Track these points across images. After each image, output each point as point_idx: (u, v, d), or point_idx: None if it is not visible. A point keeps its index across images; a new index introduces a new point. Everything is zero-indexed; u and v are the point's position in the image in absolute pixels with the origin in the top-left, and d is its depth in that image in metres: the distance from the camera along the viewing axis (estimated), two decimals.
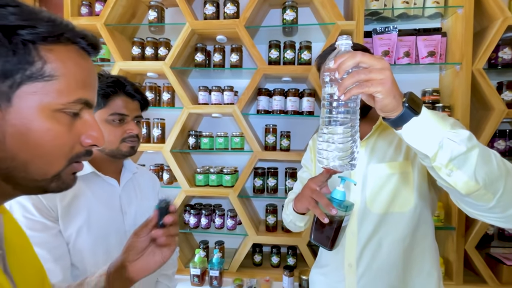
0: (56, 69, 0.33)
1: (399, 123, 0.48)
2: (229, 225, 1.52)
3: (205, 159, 1.72)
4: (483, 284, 1.35)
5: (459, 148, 0.46)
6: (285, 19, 1.43)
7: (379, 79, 0.45)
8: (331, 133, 0.51)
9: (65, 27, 0.34)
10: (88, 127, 0.38)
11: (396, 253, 0.75)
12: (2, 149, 0.31)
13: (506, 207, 0.48)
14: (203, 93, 1.49)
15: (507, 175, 0.48)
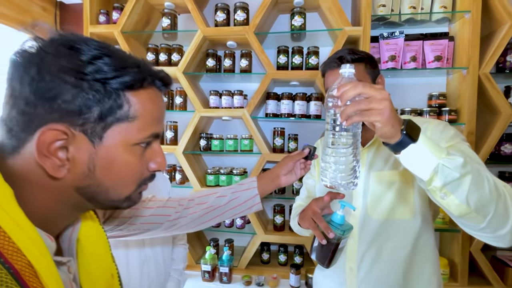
0: (138, 110, 0.38)
1: (398, 148, 0.52)
2: (238, 224, 1.58)
3: (215, 160, 1.78)
4: (489, 286, 1.37)
5: (453, 174, 0.49)
6: (293, 25, 1.47)
7: (379, 109, 0.48)
8: (334, 154, 0.55)
9: (148, 72, 0.39)
10: (155, 154, 0.43)
11: (397, 260, 0.78)
12: (91, 178, 0.37)
13: (496, 229, 0.52)
14: (214, 97, 1.55)
15: (498, 199, 0.51)
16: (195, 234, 1.72)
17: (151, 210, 0.66)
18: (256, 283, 1.43)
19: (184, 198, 0.73)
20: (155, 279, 0.94)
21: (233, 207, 0.74)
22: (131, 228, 0.64)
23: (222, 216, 0.74)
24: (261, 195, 0.76)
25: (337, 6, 1.39)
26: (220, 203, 0.73)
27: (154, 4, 1.62)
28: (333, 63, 0.84)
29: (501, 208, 0.51)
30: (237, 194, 0.74)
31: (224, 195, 0.74)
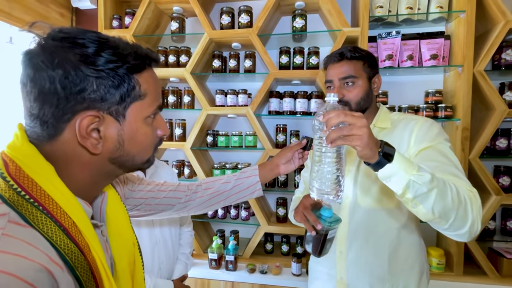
0: (146, 89, 0.46)
1: (376, 167, 0.61)
2: (243, 216, 1.67)
3: (221, 155, 1.88)
4: (483, 276, 1.42)
5: (421, 189, 0.59)
6: (294, 27, 1.55)
7: (359, 135, 0.56)
8: (320, 169, 0.61)
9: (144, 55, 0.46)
10: (160, 123, 0.51)
11: (383, 245, 0.85)
12: (122, 150, 0.45)
13: (457, 229, 0.64)
14: (220, 96, 1.64)
15: (459, 206, 0.61)
16: (202, 225, 1.82)
17: (165, 193, 0.76)
18: (259, 270, 1.52)
19: (193, 184, 0.82)
20: (164, 260, 1.04)
21: (237, 192, 0.83)
22: (147, 208, 0.73)
23: (226, 200, 0.83)
24: (262, 182, 0.85)
25: (336, 8, 1.46)
26: (225, 188, 0.82)
27: (164, 8, 1.71)
28: (334, 57, 0.92)
29: (462, 213, 0.62)
30: (240, 180, 0.83)
31: (229, 181, 0.83)
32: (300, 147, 0.85)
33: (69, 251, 0.37)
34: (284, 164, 0.85)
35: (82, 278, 0.37)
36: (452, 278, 1.43)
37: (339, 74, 0.89)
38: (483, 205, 1.40)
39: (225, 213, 1.70)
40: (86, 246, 0.39)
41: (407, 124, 0.87)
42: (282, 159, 0.85)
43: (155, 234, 1.03)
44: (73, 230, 0.39)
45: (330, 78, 0.92)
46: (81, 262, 0.38)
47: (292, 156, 0.86)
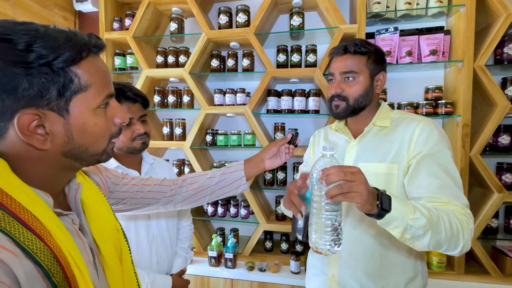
0: (87, 80, 0.44)
1: (376, 218, 0.65)
2: (243, 214, 1.68)
3: (221, 154, 1.89)
4: (486, 275, 1.40)
5: (418, 231, 0.65)
6: (292, 25, 1.55)
7: (358, 192, 0.59)
8: (319, 223, 0.62)
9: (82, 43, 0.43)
10: (115, 111, 0.50)
11: (374, 246, 0.85)
12: (72, 143, 0.44)
13: (449, 252, 0.72)
14: (218, 95, 1.66)
15: (451, 238, 0.68)
16: (203, 223, 1.84)
17: (150, 187, 0.77)
18: (258, 268, 1.53)
19: (178, 178, 0.84)
20: (162, 255, 1.06)
21: (222, 187, 0.84)
22: (133, 202, 0.75)
23: (212, 195, 0.84)
24: (247, 177, 0.86)
25: (333, 5, 1.45)
26: (210, 183, 0.83)
27: (163, 10, 1.74)
28: (339, 50, 0.91)
29: (454, 242, 0.69)
30: (225, 176, 0.84)
31: (214, 177, 0.84)
32: (285, 142, 0.86)
33: (25, 238, 0.37)
34: (269, 159, 0.86)
35: (43, 263, 0.38)
36: (453, 277, 1.41)
37: (340, 68, 0.88)
38: (485, 203, 1.38)
39: (224, 211, 1.72)
40: (46, 233, 0.40)
41: (408, 126, 0.84)
42: (267, 154, 0.86)
43: (152, 228, 1.04)
44: (28, 219, 0.39)
45: (332, 71, 0.92)
46: (40, 248, 0.38)
47: (278, 151, 0.87)
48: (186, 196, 0.82)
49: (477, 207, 1.42)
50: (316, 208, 0.62)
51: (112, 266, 0.52)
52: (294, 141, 0.86)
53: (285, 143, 0.86)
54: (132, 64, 1.75)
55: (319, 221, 0.62)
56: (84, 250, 0.47)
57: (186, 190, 0.81)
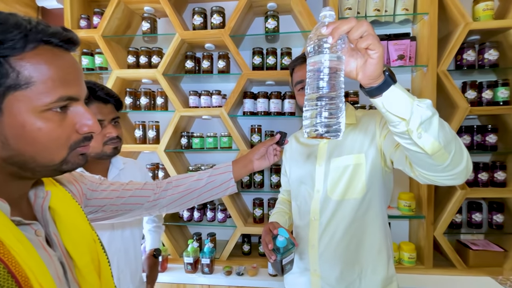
0: (31, 75, 0.37)
1: (380, 90, 0.53)
2: (220, 218, 1.65)
3: (196, 157, 1.85)
4: (452, 268, 1.48)
5: (426, 112, 0.53)
6: (267, 27, 1.56)
7: (378, 41, 0.48)
8: (317, 102, 0.52)
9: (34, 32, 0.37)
10: (81, 117, 0.42)
11: (350, 234, 0.88)
12: (9, 148, 0.38)
13: (456, 165, 0.59)
14: (193, 97, 1.62)
15: (455, 137, 0.58)
16: (179, 229, 1.79)
17: (131, 192, 0.72)
18: (236, 272, 1.51)
19: (162, 181, 0.79)
20: (125, 270, 0.98)
21: (210, 189, 0.80)
22: (114, 209, 0.69)
23: (199, 198, 0.80)
24: (235, 178, 0.82)
25: (307, 9, 1.48)
26: (197, 185, 0.79)
27: (134, 8, 1.68)
28: (300, 59, 0.96)
29: (458, 145, 0.59)
30: (213, 177, 0.80)
31: (201, 178, 0.80)
32: (274, 142, 0.86)
33: None
34: (258, 159, 0.85)
35: None
36: (423, 271, 1.48)
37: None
38: (450, 199, 1.46)
39: (201, 215, 1.68)
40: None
41: (371, 117, 0.90)
42: (255, 154, 0.84)
43: (115, 240, 0.96)
44: None
45: (300, 79, 0.95)
46: None
47: (266, 152, 0.86)
48: (171, 199, 0.77)
49: (442, 203, 1.50)
50: (316, 83, 0.53)
51: (89, 280, 0.47)
52: (283, 142, 0.86)
53: (273, 143, 0.85)
54: (101, 64, 1.66)
55: (317, 98, 0.52)
56: (51, 264, 0.41)
57: (172, 194, 0.77)
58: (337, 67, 0.52)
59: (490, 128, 1.47)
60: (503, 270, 1.45)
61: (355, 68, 0.55)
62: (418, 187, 1.53)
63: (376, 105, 0.57)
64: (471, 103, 1.45)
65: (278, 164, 1.62)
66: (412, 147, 0.58)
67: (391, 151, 0.78)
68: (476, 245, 1.50)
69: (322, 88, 0.52)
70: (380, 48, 0.49)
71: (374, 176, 0.86)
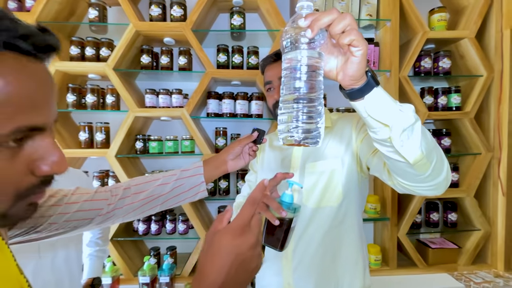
0: None
1: (362, 93, 0.48)
2: (181, 230, 1.50)
3: (154, 163, 1.67)
4: (414, 267, 1.52)
5: (409, 119, 0.48)
6: (232, 24, 1.46)
7: (362, 36, 0.42)
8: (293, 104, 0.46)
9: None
10: (42, 152, 0.31)
11: (325, 244, 0.82)
12: None
13: (437, 175, 0.55)
14: (150, 95, 1.46)
15: (436, 146, 0.55)
16: (134, 245, 1.58)
17: (76, 206, 0.57)
18: None
19: (118, 187, 0.65)
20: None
21: (177, 194, 0.70)
22: (53, 228, 0.54)
23: (164, 205, 0.70)
24: (207, 181, 0.74)
25: (274, 8, 1.42)
26: (162, 191, 0.68)
27: None
28: (270, 58, 0.90)
29: (439, 154, 0.55)
30: (181, 181, 0.71)
31: (167, 183, 0.69)
32: (250, 141, 0.78)
33: None
34: (233, 160, 0.77)
35: None
36: (388, 272, 1.50)
37: (278, 73, 0.85)
38: (411, 201, 1.50)
39: (159, 228, 1.51)
40: None
41: (346, 121, 0.86)
42: (230, 154, 0.77)
43: (43, 271, 0.77)
44: None
45: (269, 79, 0.89)
46: None
47: (242, 151, 0.79)
48: (130, 209, 0.64)
49: (404, 205, 1.54)
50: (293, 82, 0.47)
51: None
52: (260, 141, 0.79)
53: (250, 142, 0.78)
54: None
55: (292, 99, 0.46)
56: None
57: (131, 202, 0.64)
58: (316, 65, 0.46)
59: (445, 132, 1.56)
60: (458, 266, 1.54)
61: (335, 67, 0.50)
62: (382, 189, 1.55)
63: (356, 109, 0.51)
64: (428, 108, 1.52)
65: (245, 169, 1.52)
66: (393, 156, 0.53)
67: (367, 156, 0.73)
68: (434, 244, 1.57)
69: (299, 88, 0.46)
70: (364, 45, 0.43)
71: (350, 182, 0.81)
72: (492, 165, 1.51)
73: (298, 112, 0.46)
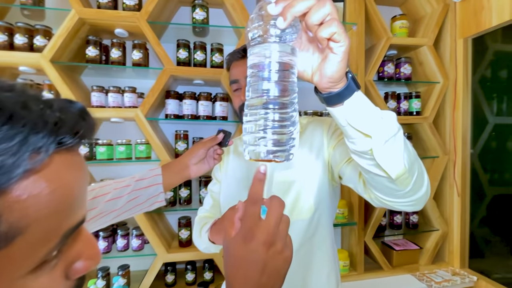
0: (18, 223, 0.20)
1: (341, 98, 0.41)
2: (135, 246, 1.33)
3: (103, 171, 1.47)
4: (380, 270, 1.53)
5: (391, 128, 0.42)
6: (194, 18, 1.34)
7: (344, 29, 0.35)
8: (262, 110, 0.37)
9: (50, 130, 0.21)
10: (80, 250, 0.26)
11: (297, 260, 0.74)
12: None
13: (417, 190, 0.50)
14: (98, 93, 1.27)
15: (417, 158, 0.49)
16: None
17: None
18: None
19: None
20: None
21: (131, 208, 0.64)
22: None
23: (115, 219, 0.63)
24: (166, 189, 0.68)
25: (240, 3, 1.33)
26: (114, 207, 0.61)
27: None
28: (237, 54, 0.79)
29: (420, 166, 0.50)
30: (137, 193, 0.64)
31: (119, 196, 0.61)
32: (215, 143, 0.71)
33: None
34: (196, 164, 0.71)
35: None
36: (356, 277, 1.49)
37: (245, 72, 0.74)
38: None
39: (109, 245, 1.32)
40: None
41: (317, 125, 0.79)
42: (193, 158, 0.71)
43: None
44: None
45: (235, 78, 0.78)
46: None
47: (206, 155, 0.71)
48: None
49: (370, 209, 1.55)
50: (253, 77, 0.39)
51: None
52: (226, 143, 0.72)
53: (214, 144, 0.71)
54: None
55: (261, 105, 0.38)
56: None
57: None
58: (290, 62, 0.39)
59: (407, 136, 1.60)
60: (419, 266, 1.58)
61: (311, 67, 0.42)
62: (349, 193, 1.54)
63: (334, 116, 0.45)
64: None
65: (208, 176, 1.40)
66: (372, 169, 0.47)
67: (340, 165, 0.67)
68: (398, 245, 1.59)
69: (268, 91, 0.38)
70: (346, 39, 0.36)
71: (322, 192, 0.74)
72: (448, 168, 1.58)
73: (267, 120, 0.38)
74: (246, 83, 0.41)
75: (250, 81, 0.40)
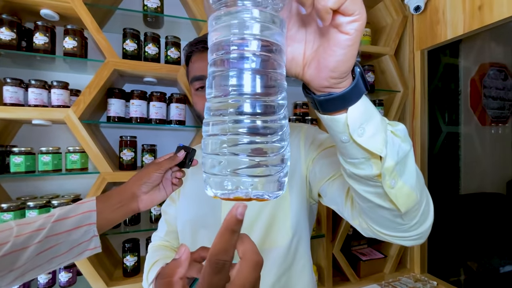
0: None
1: (346, 102, 0.29)
2: (63, 281, 1.05)
3: (20, 187, 1.15)
4: (347, 282, 1.47)
5: (403, 146, 0.32)
6: (146, 6, 1.15)
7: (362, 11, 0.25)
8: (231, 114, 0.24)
9: None
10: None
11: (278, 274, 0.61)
12: None
13: (423, 222, 0.40)
14: (14, 88, 0.99)
15: (423, 182, 0.39)
16: None
17: None
18: None
19: None
20: None
21: (44, 262, 0.43)
22: None
23: (16, 282, 0.42)
24: (102, 230, 0.49)
25: None
26: (12, 265, 0.39)
27: None
28: (201, 43, 0.63)
29: (427, 193, 0.40)
30: (55, 239, 0.43)
31: (22, 248, 0.40)
32: (174, 164, 0.55)
33: None
34: (147, 193, 0.53)
35: None
36: None
37: None
38: None
39: (27, 284, 1.02)
40: None
41: (292, 135, 0.67)
42: (143, 185, 0.52)
43: None
44: None
45: (198, 74, 0.63)
46: None
47: (162, 179, 0.55)
48: None
49: (337, 219, 1.49)
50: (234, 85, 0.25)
51: None
52: (189, 164, 0.57)
53: (174, 165, 0.55)
54: None
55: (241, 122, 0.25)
56: None
57: None
58: (277, 42, 0.26)
59: None
60: (384, 274, 1.57)
61: (302, 53, 0.30)
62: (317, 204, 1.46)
63: (330, 128, 0.32)
64: None
65: None
66: (374, 199, 0.35)
67: (321, 183, 0.55)
68: (364, 255, 1.56)
69: (243, 86, 0.24)
70: (363, 12, 0.25)
71: (300, 212, 0.63)
72: None
73: (243, 133, 0.24)
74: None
75: (214, 73, 0.26)
